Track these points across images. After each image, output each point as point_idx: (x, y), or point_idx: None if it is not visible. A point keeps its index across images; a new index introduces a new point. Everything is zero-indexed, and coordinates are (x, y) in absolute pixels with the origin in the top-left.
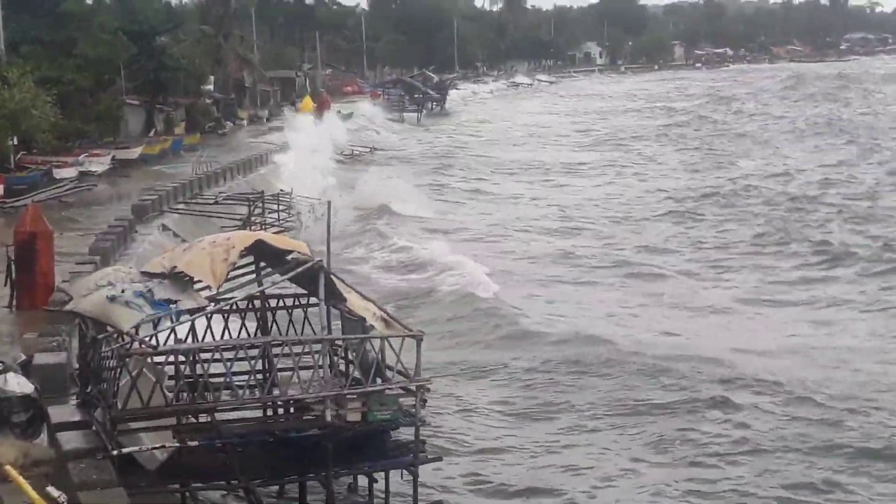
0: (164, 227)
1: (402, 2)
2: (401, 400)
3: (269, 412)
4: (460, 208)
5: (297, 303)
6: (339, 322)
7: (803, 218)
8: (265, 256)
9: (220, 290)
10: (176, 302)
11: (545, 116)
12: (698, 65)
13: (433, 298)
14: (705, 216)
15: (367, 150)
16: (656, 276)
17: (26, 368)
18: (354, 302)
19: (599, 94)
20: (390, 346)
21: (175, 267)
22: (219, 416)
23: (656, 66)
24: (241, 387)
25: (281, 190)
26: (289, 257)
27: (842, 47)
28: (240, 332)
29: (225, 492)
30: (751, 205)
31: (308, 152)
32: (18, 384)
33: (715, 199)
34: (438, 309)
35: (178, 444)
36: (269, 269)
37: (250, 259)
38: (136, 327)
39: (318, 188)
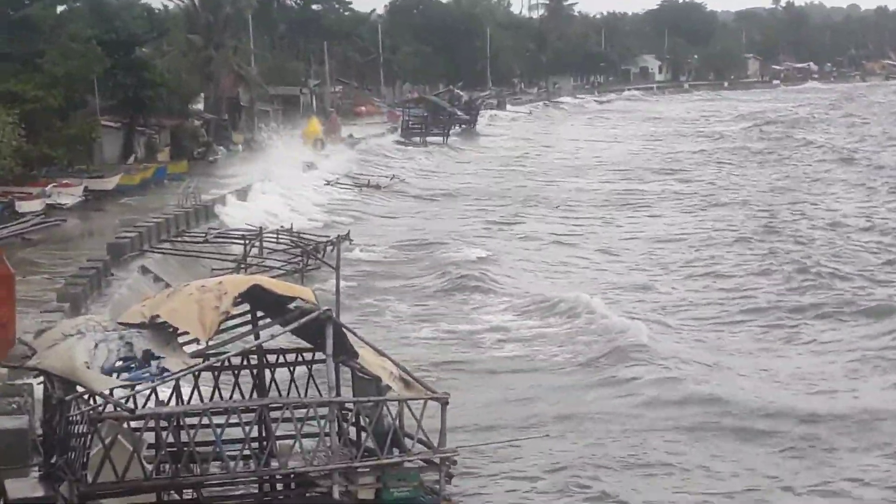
0: (145, 270)
1: (424, 7)
2: (422, 475)
3: (267, 488)
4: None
5: (300, 359)
6: (350, 382)
7: None
8: (263, 304)
9: (211, 343)
10: (158, 357)
11: (593, 143)
12: (776, 81)
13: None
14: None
15: (388, 179)
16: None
17: None
18: (368, 358)
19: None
20: (410, 410)
21: (157, 316)
22: (207, 492)
23: (726, 84)
24: (233, 457)
25: (282, 226)
26: (291, 305)
27: None
28: (233, 393)
29: None
30: None
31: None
32: None
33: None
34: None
35: None
36: (268, 320)
37: (246, 307)
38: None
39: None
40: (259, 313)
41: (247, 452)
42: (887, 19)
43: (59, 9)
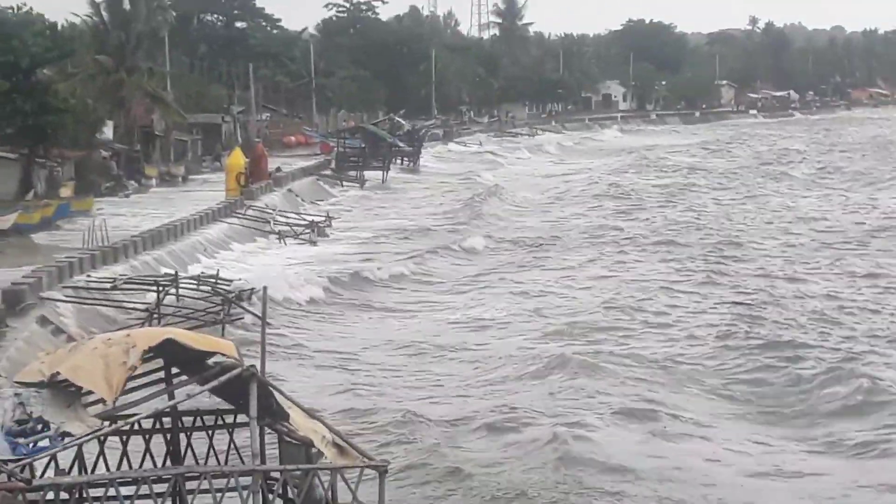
0: (45, 321)
1: (362, 26)
2: None
3: None
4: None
5: (220, 422)
6: (277, 448)
7: None
8: (178, 360)
9: (118, 403)
10: (58, 420)
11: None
12: (753, 111)
13: None
14: None
15: (323, 218)
16: None
17: None
18: (297, 421)
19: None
20: (344, 480)
21: (57, 373)
22: None
23: (697, 114)
24: None
25: (202, 272)
26: (210, 361)
27: None
28: (143, 461)
29: None
30: None
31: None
32: None
33: None
34: None
35: None
36: (184, 377)
37: (159, 363)
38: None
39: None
40: (174, 370)
41: None
42: (875, 43)
43: None
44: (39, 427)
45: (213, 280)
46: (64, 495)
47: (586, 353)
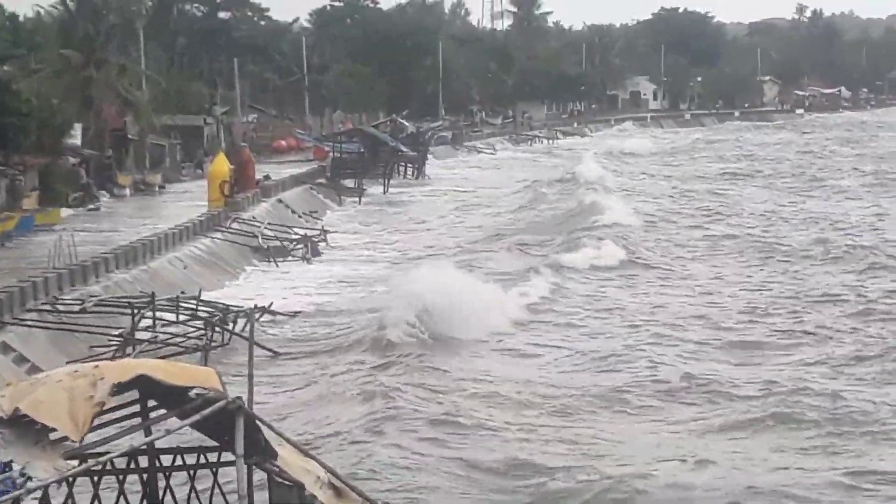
0: (6, 348)
1: (360, 16)
2: None
3: None
4: None
5: (202, 460)
6: (266, 490)
7: None
8: (155, 391)
9: (88, 441)
10: (22, 461)
11: None
12: (799, 110)
13: None
14: None
15: (317, 233)
16: None
17: None
18: (289, 459)
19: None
20: None
21: (18, 409)
22: None
23: (737, 113)
24: None
25: (182, 292)
26: (191, 393)
27: None
28: None
29: None
30: None
31: None
32: None
33: None
34: None
35: None
36: (163, 411)
37: (134, 394)
38: None
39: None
40: (151, 402)
41: None
42: None
43: None
44: (2, 468)
45: (194, 302)
46: None
47: None
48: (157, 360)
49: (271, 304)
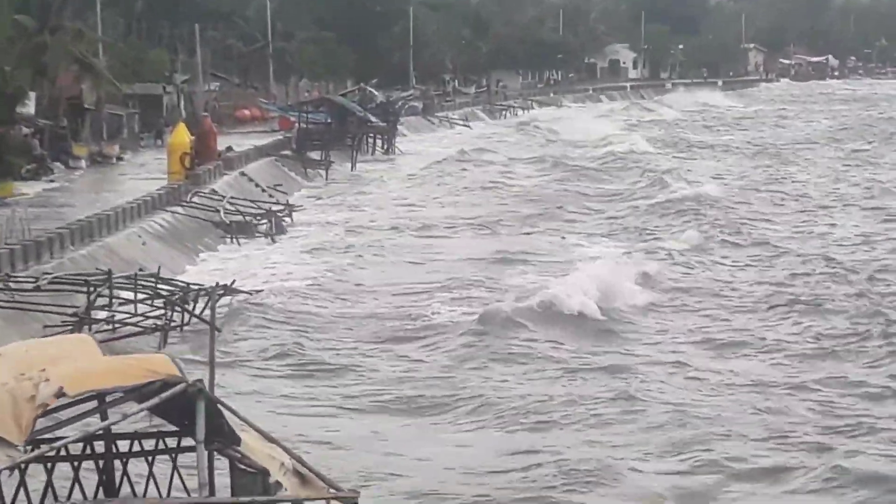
0: None
1: None
2: None
3: None
4: None
5: (161, 446)
6: (228, 477)
7: None
8: None
9: (39, 427)
10: None
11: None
12: (784, 79)
13: None
14: None
15: (282, 208)
16: None
17: None
18: (252, 445)
19: None
20: None
21: None
22: None
23: (720, 82)
24: None
25: (141, 269)
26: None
27: None
28: (72, 492)
29: None
30: None
31: None
32: None
33: None
34: None
35: None
36: (119, 395)
37: None
38: None
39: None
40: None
41: None
42: None
43: None
44: None
45: (153, 280)
46: None
47: None
48: (109, 360)
49: (233, 281)
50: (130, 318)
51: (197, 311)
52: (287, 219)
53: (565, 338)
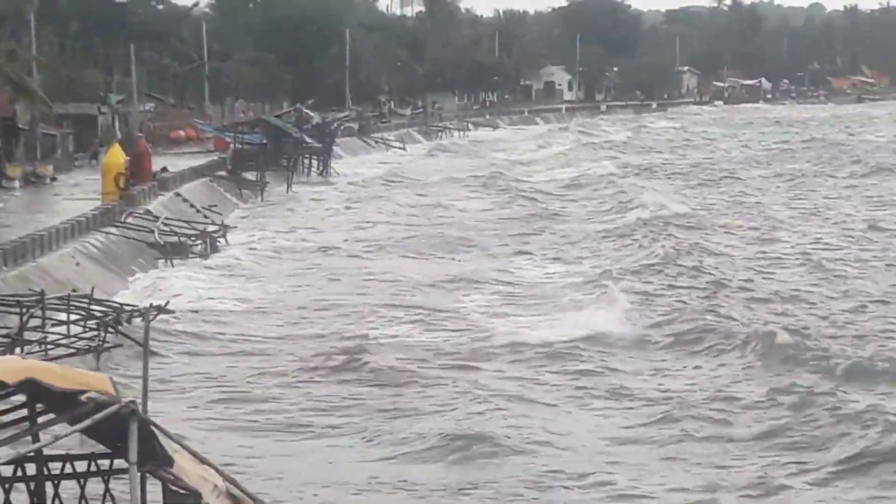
0: None
1: (264, 2)
2: None
3: None
4: None
5: (94, 468)
6: (161, 499)
7: None
8: (44, 396)
9: None
10: None
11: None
12: (718, 102)
13: None
14: None
15: (216, 228)
16: None
17: None
18: (185, 466)
19: None
20: None
21: None
22: None
23: (654, 105)
24: None
25: (74, 290)
26: (83, 398)
27: None
28: None
29: None
30: None
31: None
32: None
33: None
34: None
35: None
36: (51, 416)
37: (21, 398)
38: None
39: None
40: (39, 406)
41: None
42: (860, 24)
43: None
44: None
45: (87, 301)
46: None
47: None
48: (47, 362)
49: (167, 302)
50: (63, 339)
51: (131, 333)
52: (222, 239)
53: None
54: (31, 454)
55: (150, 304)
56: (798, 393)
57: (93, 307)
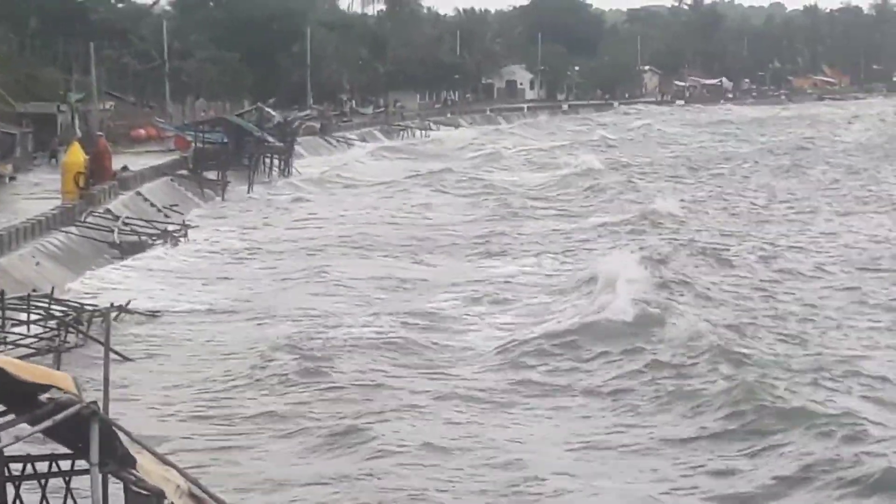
0: None
1: (225, 0)
2: None
3: None
4: None
5: (54, 468)
6: (123, 500)
7: None
8: (3, 394)
9: None
10: None
11: None
12: (679, 101)
13: None
14: None
15: (178, 227)
16: None
17: None
18: (147, 467)
19: None
20: None
21: None
22: None
23: (617, 104)
24: None
25: (34, 290)
26: (43, 397)
27: (894, 78)
28: None
29: None
30: None
31: None
32: None
33: None
34: None
35: None
36: (11, 416)
37: None
38: None
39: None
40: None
41: None
42: (820, 23)
43: None
44: None
45: (47, 300)
46: None
47: None
48: (9, 357)
49: (129, 302)
50: (23, 339)
51: (91, 333)
52: (183, 239)
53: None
54: None
55: (111, 304)
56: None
57: (53, 307)
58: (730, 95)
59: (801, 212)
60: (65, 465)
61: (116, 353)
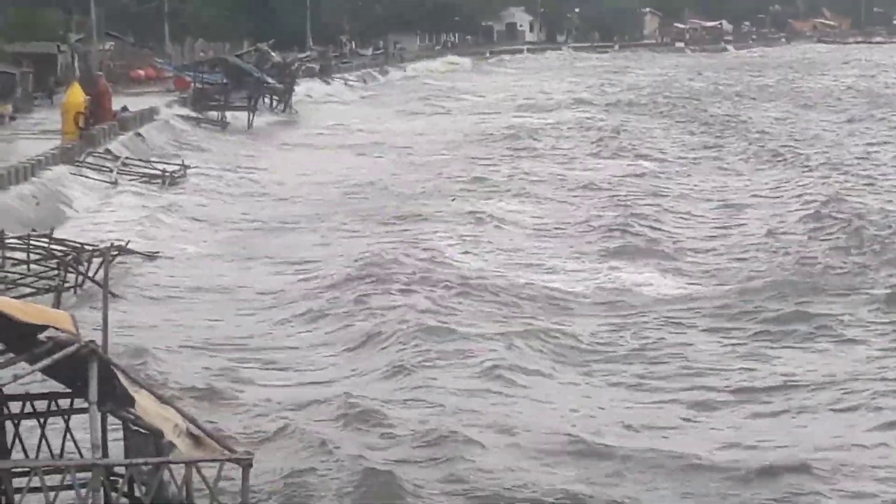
0: None
1: None
2: None
3: None
4: None
5: (53, 407)
6: (122, 438)
7: None
8: (2, 334)
9: None
10: None
11: None
12: (679, 44)
13: None
14: None
15: (178, 167)
16: None
17: None
18: (146, 406)
19: None
20: (201, 475)
21: None
22: None
23: (616, 47)
24: None
25: (33, 230)
26: (42, 336)
27: (895, 22)
28: None
29: None
30: None
31: None
32: None
33: None
34: None
35: None
36: (10, 355)
37: None
38: None
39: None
40: None
41: None
42: None
43: None
44: None
45: (47, 239)
46: None
47: None
48: (8, 298)
49: (128, 242)
50: (22, 278)
51: (91, 273)
52: (182, 180)
53: None
54: None
55: (111, 244)
56: None
57: (53, 247)
58: (729, 38)
59: None
60: (64, 404)
61: (114, 294)
